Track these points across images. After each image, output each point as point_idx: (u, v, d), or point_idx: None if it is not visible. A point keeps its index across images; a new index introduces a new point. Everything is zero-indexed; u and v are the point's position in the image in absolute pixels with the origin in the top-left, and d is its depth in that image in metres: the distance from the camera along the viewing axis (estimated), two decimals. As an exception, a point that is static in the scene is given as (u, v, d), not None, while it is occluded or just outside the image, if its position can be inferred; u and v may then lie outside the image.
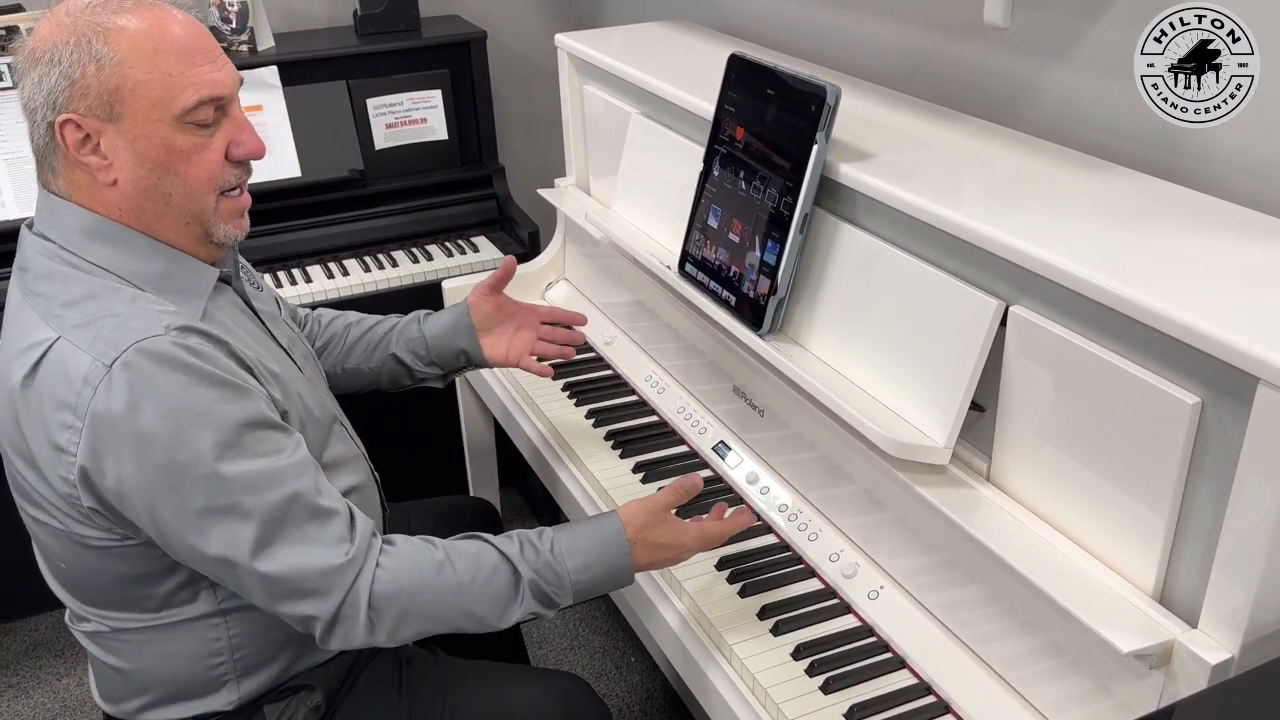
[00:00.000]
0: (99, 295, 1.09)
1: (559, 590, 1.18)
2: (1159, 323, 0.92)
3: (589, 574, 1.19)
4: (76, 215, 1.11)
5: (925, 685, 1.16)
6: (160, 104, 1.08)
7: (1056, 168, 1.26)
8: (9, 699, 2.17)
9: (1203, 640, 0.94)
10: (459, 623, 1.16)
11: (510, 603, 1.17)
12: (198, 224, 1.15)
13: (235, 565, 1.08)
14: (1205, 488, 0.94)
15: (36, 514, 1.14)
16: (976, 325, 1.11)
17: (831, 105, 1.24)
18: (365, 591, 1.12)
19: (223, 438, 1.06)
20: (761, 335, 1.35)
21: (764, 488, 1.45)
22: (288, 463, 1.11)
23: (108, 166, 1.10)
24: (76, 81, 1.06)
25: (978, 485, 1.16)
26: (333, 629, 1.12)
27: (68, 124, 1.07)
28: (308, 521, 1.11)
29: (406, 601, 1.13)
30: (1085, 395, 1.02)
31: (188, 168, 1.12)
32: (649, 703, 2.10)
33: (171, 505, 1.06)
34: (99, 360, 1.03)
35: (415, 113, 2.32)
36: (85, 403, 1.03)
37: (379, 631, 1.13)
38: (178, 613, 1.18)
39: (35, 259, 1.13)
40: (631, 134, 1.74)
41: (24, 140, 2.01)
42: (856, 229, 1.28)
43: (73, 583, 1.20)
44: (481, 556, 1.17)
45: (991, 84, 1.50)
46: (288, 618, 1.13)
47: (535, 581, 1.17)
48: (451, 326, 1.55)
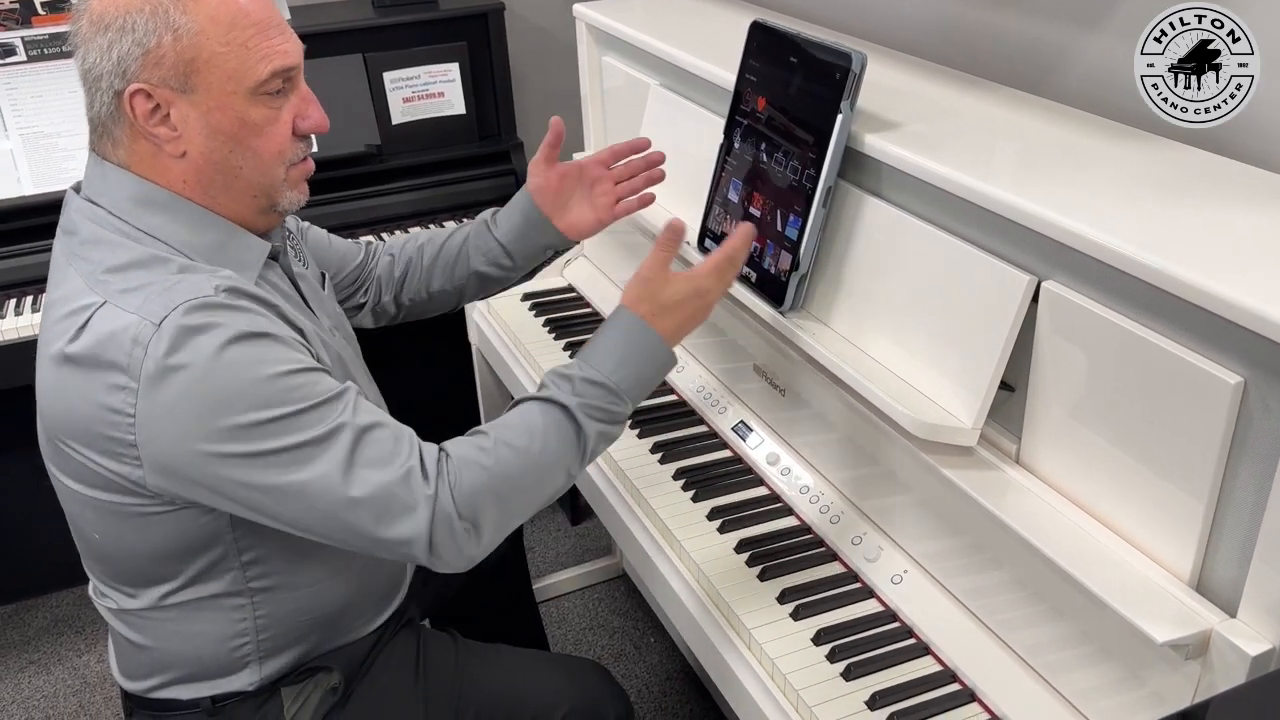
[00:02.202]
0: (147, 264, 1.07)
1: (611, 400, 1.14)
2: (1199, 298, 0.88)
3: (627, 368, 1.15)
4: (129, 182, 1.09)
5: (950, 672, 1.13)
6: (236, 76, 1.06)
7: (1091, 138, 1.22)
8: (30, 674, 2.18)
9: (1242, 630, 0.90)
10: (548, 487, 1.13)
11: (576, 440, 1.13)
12: (265, 196, 1.14)
13: (326, 499, 1.04)
14: (1247, 471, 0.90)
15: (72, 484, 1.12)
16: (1007, 301, 1.07)
17: (857, 73, 1.19)
18: (449, 499, 1.07)
19: (282, 380, 1.03)
20: (783, 312, 1.32)
21: (785, 469, 1.42)
22: (338, 387, 1.08)
23: (177, 138, 1.07)
24: (151, 50, 1.03)
25: (1006, 467, 1.12)
26: (434, 545, 1.06)
27: (138, 94, 1.04)
28: (378, 436, 1.07)
29: (491, 493, 1.09)
30: (1120, 374, 0.98)
31: (259, 140, 1.10)
32: (669, 683, 2.08)
33: (242, 455, 1.03)
34: (147, 320, 1.01)
35: (432, 86, 2.29)
36: (138, 363, 1.01)
37: (484, 531, 1.08)
38: (205, 589, 1.16)
39: (83, 223, 1.10)
40: (651, 106, 1.70)
41: (39, 116, 2.01)
42: (882, 202, 1.24)
43: (104, 555, 1.18)
44: (528, 418, 1.13)
45: (1023, 51, 1.45)
46: (391, 549, 1.07)
47: (584, 405, 1.13)
48: (524, 225, 1.47)
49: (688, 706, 2.03)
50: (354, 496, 1.04)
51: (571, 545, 2.49)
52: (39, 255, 2.02)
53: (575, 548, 2.48)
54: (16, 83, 2.02)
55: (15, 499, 2.23)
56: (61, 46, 2.03)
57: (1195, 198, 1.06)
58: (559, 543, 2.50)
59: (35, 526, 2.24)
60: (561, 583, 2.33)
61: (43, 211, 2.00)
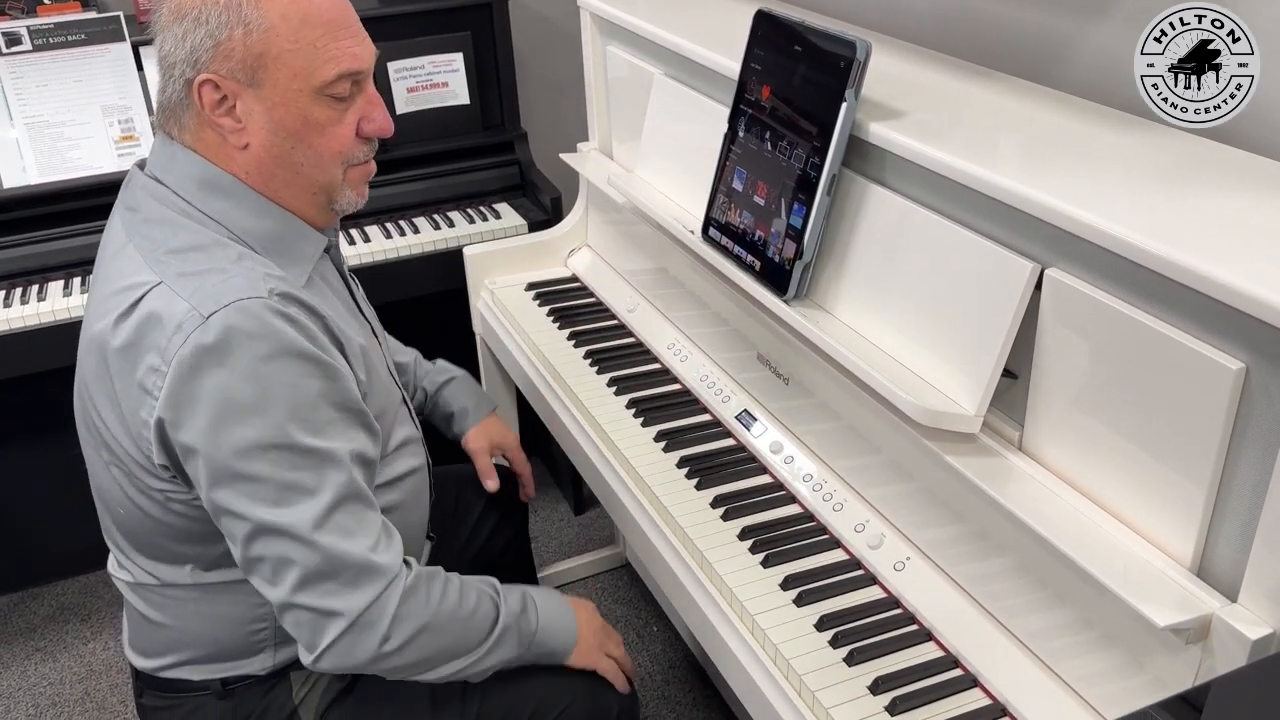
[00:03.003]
0: (207, 248, 1.08)
1: (524, 600, 1.26)
2: (1202, 284, 0.88)
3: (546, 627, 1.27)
4: (197, 164, 1.11)
5: (952, 658, 1.14)
6: (302, 74, 1.08)
7: (1095, 127, 1.22)
8: (36, 662, 2.19)
9: (1243, 614, 0.90)
10: (453, 645, 1.18)
11: (493, 624, 1.21)
12: (324, 193, 1.16)
13: (288, 533, 1.06)
14: (1248, 457, 0.90)
15: (103, 455, 1.14)
16: (1010, 289, 1.07)
17: (861, 62, 1.19)
18: (397, 595, 1.11)
19: (301, 412, 1.05)
20: (787, 301, 1.32)
21: (788, 457, 1.43)
22: (352, 448, 1.10)
23: (241, 130, 1.10)
24: (222, 43, 1.06)
25: (1009, 454, 1.13)
26: (352, 632, 1.09)
27: (206, 84, 1.07)
28: (363, 511, 1.11)
29: (424, 609, 1.14)
30: (1123, 361, 0.99)
31: (320, 139, 1.12)
32: (671, 671, 2.09)
33: (234, 467, 1.04)
34: (197, 310, 1.03)
35: (436, 76, 2.29)
36: (174, 349, 1.02)
37: (393, 640, 1.12)
38: (227, 573, 1.17)
39: (146, 201, 1.12)
40: (655, 95, 1.70)
41: (44, 104, 2.01)
42: (886, 190, 1.24)
43: (127, 530, 1.19)
44: (468, 586, 1.21)
45: (1027, 41, 1.45)
46: (304, 611, 1.09)
47: (510, 621, 1.23)
48: (444, 419, 1.62)
49: (690, 694, 2.04)
50: (322, 543, 1.07)
51: (575, 535, 2.50)
52: (44, 245, 2.02)
53: (578, 537, 2.49)
54: (22, 71, 2.02)
55: (21, 488, 2.24)
56: (67, 36, 2.04)
57: (1198, 186, 1.06)
58: (562, 532, 2.50)
59: (41, 515, 2.25)
60: (565, 572, 2.33)
61: (48, 201, 2.01)
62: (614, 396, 1.62)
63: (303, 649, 1.13)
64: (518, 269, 2.00)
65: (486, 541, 1.67)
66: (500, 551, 1.70)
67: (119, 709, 2.07)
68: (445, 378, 1.62)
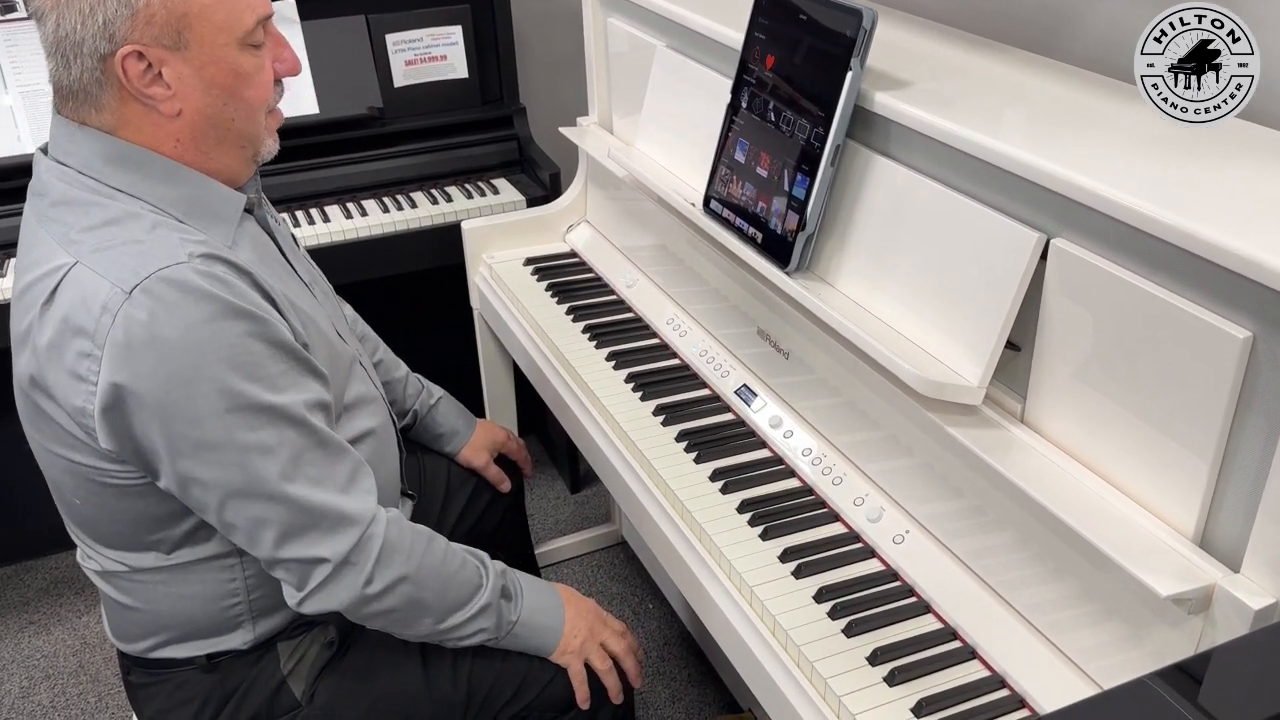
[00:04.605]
0: (120, 221, 1.06)
1: (512, 590, 1.28)
2: (1208, 252, 0.88)
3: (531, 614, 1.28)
4: (97, 141, 1.07)
5: (950, 630, 1.13)
6: (225, 27, 1.06)
7: (1101, 99, 1.21)
8: (30, 635, 2.18)
9: (1245, 585, 0.90)
10: (433, 601, 1.19)
11: (475, 592, 1.22)
12: (251, 145, 1.15)
13: (258, 493, 1.06)
14: (1253, 426, 0.90)
15: (53, 447, 1.12)
16: (1016, 259, 1.06)
17: (868, 30, 1.18)
18: (379, 540, 1.12)
19: (249, 370, 1.04)
20: (789, 273, 1.31)
21: (788, 432, 1.42)
22: (307, 398, 1.09)
23: (172, 96, 1.06)
24: (140, 10, 1.01)
25: (1011, 426, 1.12)
26: (337, 575, 1.11)
27: (130, 55, 1.02)
28: (329, 459, 1.11)
29: (407, 559, 1.15)
30: (1128, 331, 0.98)
31: (250, 90, 1.10)
32: (666, 648, 2.09)
33: (191, 436, 1.03)
34: (118, 286, 1.00)
35: (435, 49, 2.27)
36: (104, 330, 1.00)
37: (375, 584, 1.13)
38: (192, 553, 1.16)
39: (53, 184, 1.09)
40: (656, 68, 1.69)
41: (40, 72, 1.99)
42: (891, 161, 1.23)
43: (86, 521, 1.18)
44: (455, 550, 1.23)
45: (1033, 13, 1.44)
46: (291, 563, 1.11)
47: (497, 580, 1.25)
48: (435, 439, 1.63)
49: (686, 671, 2.04)
50: (292, 494, 1.08)
51: (571, 512, 2.49)
52: (39, 214, 2.00)
53: (574, 515, 2.48)
54: (17, 39, 2.00)
55: (13, 462, 2.23)
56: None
57: (1204, 155, 1.05)
58: (558, 510, 2.50)
59: (32, 487, 2.23)
60: (561, 549, 2.33)
61: (42, 170, 1.99)
62: (613, 371, 1.61)
63: (290, 591, 1.14)
64: (516, 244, 1.99)
65: (480, 517, 1.66)
66: (495, 528, 1.69)
67: (112, 681, 2.06)
68: (434, 400, 1.63)
